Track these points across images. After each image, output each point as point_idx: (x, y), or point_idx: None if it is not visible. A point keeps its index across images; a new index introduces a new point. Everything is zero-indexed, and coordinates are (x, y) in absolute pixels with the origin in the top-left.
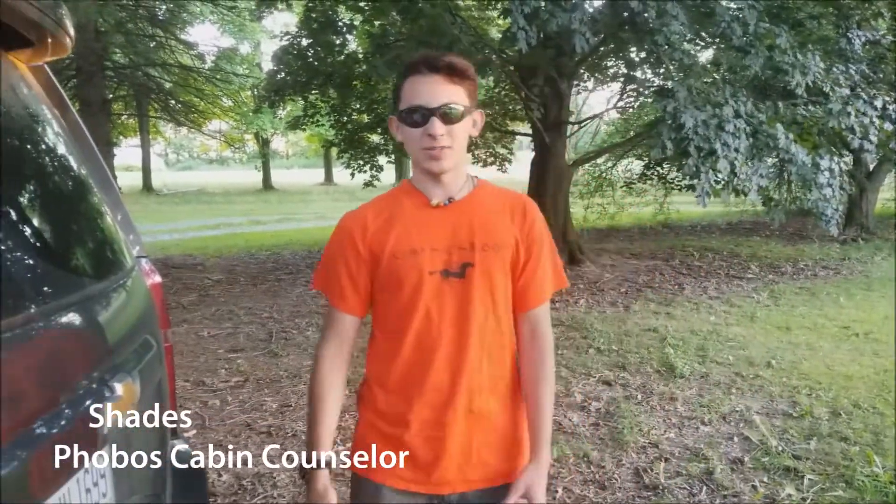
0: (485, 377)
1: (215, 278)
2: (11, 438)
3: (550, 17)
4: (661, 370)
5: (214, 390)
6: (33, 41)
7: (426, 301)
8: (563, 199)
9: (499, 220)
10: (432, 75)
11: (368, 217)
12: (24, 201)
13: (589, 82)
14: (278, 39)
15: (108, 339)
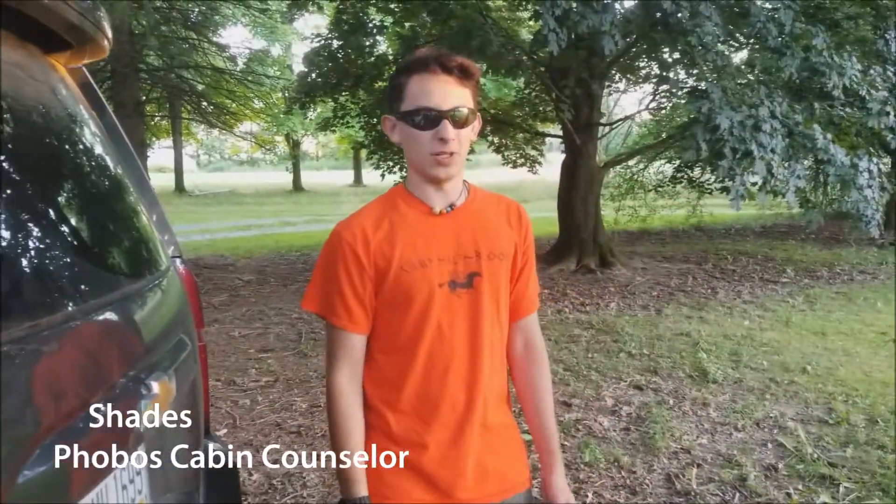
0: (494, 389)
1: (246, 279)
2: (51, 435)
3: (581, 19)
4: (694, 375)
5: (245, 390)
6: (72, 44)
7: (437, 315)
8: (594, 202)
9: (499, 226)
10: (444, 75)
11: (367, 227)
12: (65, 201)
13: (621, 83)
14: (309, 41)
15: (144, 337)
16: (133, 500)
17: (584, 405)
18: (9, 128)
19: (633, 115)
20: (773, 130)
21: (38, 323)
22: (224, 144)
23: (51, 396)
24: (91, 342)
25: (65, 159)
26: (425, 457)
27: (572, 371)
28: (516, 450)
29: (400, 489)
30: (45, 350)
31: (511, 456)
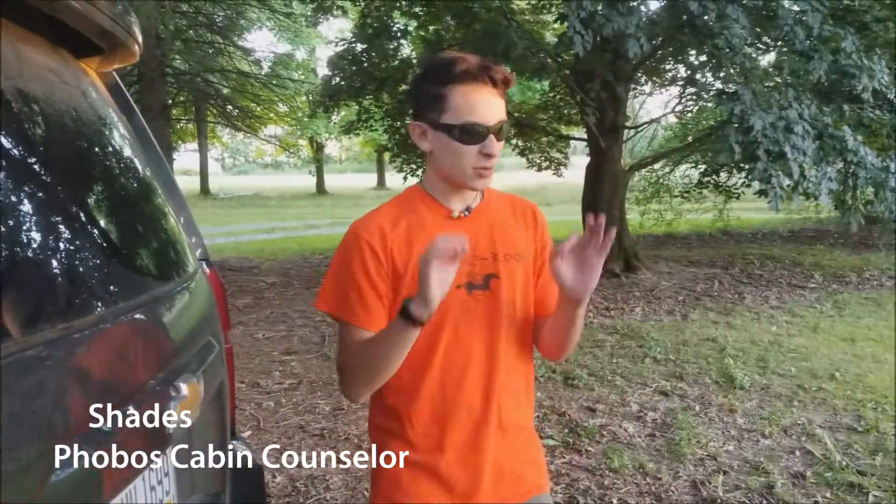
0: (510, 390)
1: (270, 281)
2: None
3: (606, 22)
4: (720, 381)
5: (269, 392)
6: (104, 49)
7: (454, 318)
8: (619, 205)
9: (515, 227)
10: (492, 88)
11: (384, 226)
12: (96, 203)
13: (646, 86)
14: (333, 45)
15: (173, 339)
16: (161, 500)
17: (608, 411)
18: (41, 130)
19: (659, 118)
20: (805, 132)
21: (71, 325)
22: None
23: (82, 397)
24: (121, 344)
25: (96, 162)
26: (442, 460)
27: (597, 376)
28: (534, 452)
29: (418, 493)
30: (77, 352)
31: (528, 459)
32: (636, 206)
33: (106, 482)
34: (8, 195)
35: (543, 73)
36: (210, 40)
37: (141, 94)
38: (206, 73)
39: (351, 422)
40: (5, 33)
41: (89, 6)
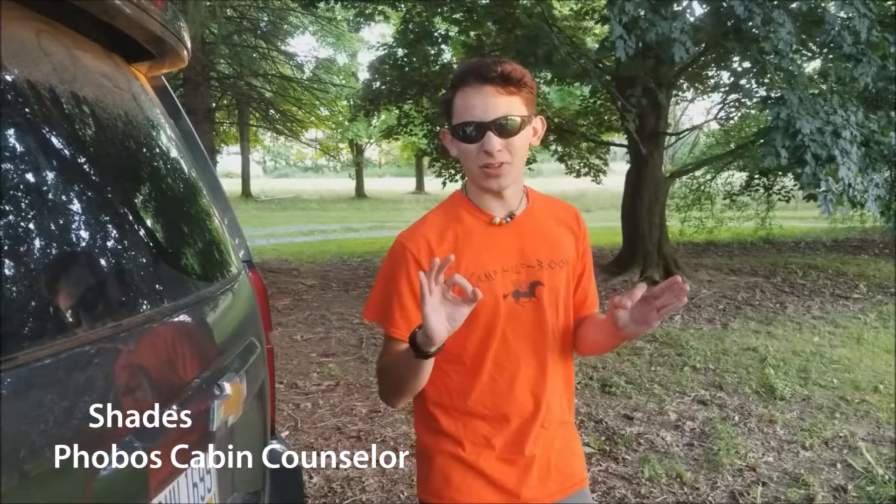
0: (556, 390)
1: (309, 283)
2: (129, 434)
3: (650, 26)
4: (761, 391)
5: (306, 393)
6: (154, 54)
7: (503, 326)
8: (660, 212)
9: (560, 233)
10: (484, 86)
11: (431, 239)
12: (146, 205)
13: (688, 92)
14: (375, 50)
15: (217, 339)
16: (202, 498)
17: (646, 419)
18: (94, 133)
19: (701, 124)
20: (853, 137)
21: (120, 323)
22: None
23: (129, 395)
24: (168, 343)
25: (145, 164)
26: (492, 458)
27: (634, 384)
28: (576, 446)
29: (469, 491)
30: (125, 350)
31: (571, 453)
32: (676, 214)
33: (151, 479)
34: (62, 195)
35: (585, 78)
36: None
37: (186, 97)
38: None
39: (387, 424)
40: (63, 39)
41: (142, 13)
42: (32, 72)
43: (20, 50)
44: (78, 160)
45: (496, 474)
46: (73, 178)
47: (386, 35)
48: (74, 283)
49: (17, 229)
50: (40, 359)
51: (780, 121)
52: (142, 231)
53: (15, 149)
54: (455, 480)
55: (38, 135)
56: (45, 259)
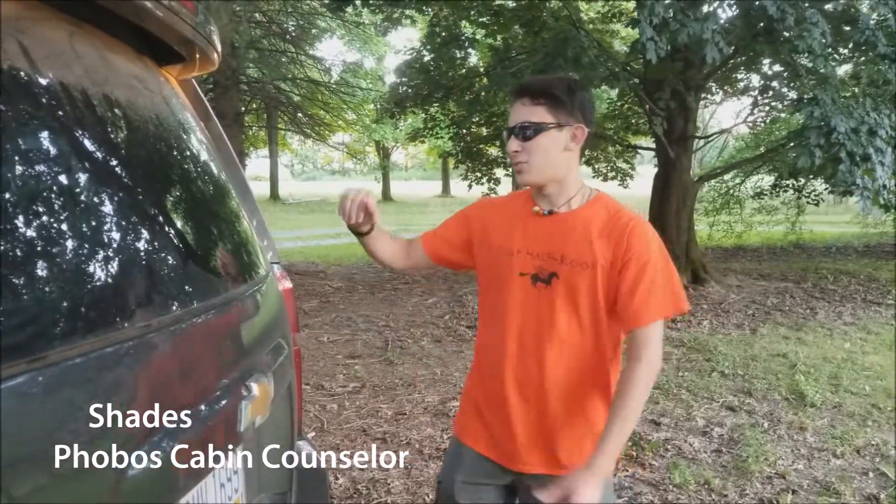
0: (560, 380)
1: (335, 285)
2: (158, 433)
3: (681, 28)
4: (790, 398)
5: (332, 394)
6: (185, 57)
7: (516, 297)
8: (688, 216)
9: (595, 238)
10: (517, 99)
11: (492, 206)
12: (176, 206)
13: (717, 95)
14: (402, 53)
15: (245, 340)
16: (230, 498)
17: (673, 425)
18: (126, 135)
19: (731, 128)
20: (889, 137)
21: (150, 323)
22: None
23: (158, 395)
24: (197, 343)
25: (175, 166)
26: (486, 419)
27: (662, 389)
28: (578, 436)
29: (473, 434)
30: (154, 350)
31: (569, 439)
32: (705, 218)
33: (180, 479)
34: (94, 196)
35: (612, 81)
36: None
37: (215, 101)
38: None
39: (413, 427)
40: (94, 41)
41: (173, 15)
42: (65, 74)
43: (53, 52)
44: (109, 161)
45: (493, 432)
46: (105, 180)
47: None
48: (105, 283)
49: (50, 230)
50: (70, 358)
51: (813, 119)
52: (172, 232)
53: (48, 150)
54: (467, 419)
55: (71, 136)
56: (76, 259)
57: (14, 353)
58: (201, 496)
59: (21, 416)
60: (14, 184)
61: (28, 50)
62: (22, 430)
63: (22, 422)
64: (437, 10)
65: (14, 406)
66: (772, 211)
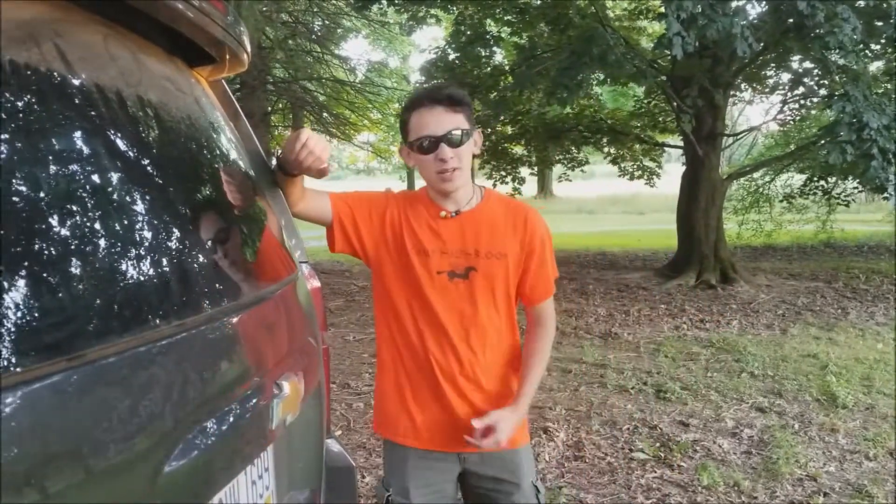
0: (484, 358)
1: (361, 284)
2: (193, 430)
3: (709, 22)
4: (821, 399)
5: (358, 393)
6: (215, 58)
7: (433, 296)
8: (716, 215)
9: (503, 230)
10: (435, 107)
11: (401, 203)
12: (207, 206)
13: (746, 93)
14: (427, 52)
15: (276, 339)
16: (261, 495)
17: (702, 426)
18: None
19: (760, 125)
20: None
21: (184, 322)
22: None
23: (192, 393)
24: (229, 343)
25: (206, 166)
26: (419, 414)
27: (690, 390)
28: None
29: (407, 432)
30: (188, 349)
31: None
32: (734, 216)
33: (214, 476)
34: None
35: (639, 78)
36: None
37: (243, 101)
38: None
39: None
40: (128, 43)
41: (204, 17)
42: (100, 75)
43: (88, 55)
44: (142, 162)
45: (417, 422)
46: (139, 180)
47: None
48: (141, 282)
49: (87, 230)
50: (107, 356)
51: (844, 115)
52: (204, 231)
53: (83, 151)
54: (397, 423)
55: (105, 137)
56: (112, 258)
57: (53, 352)
58: (234, 493)
59: (60, 412)
60: (52, 184)
61: (64, 52)
62: (60, 426)
63: (60, 418)
64: (462, 8)
65: (53, 403)
66: (802, 209)
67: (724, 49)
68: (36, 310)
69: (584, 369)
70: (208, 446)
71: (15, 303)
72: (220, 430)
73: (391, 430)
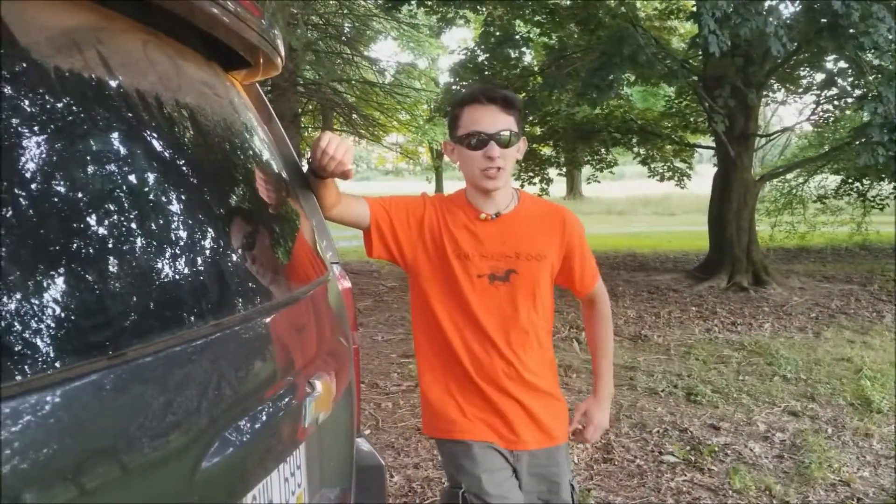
0: (525, 359)
1: (389, 285)
2: (229, 428)
3: (742, 21)
4: (856, 403)
5: (387, 393)
6: (250, 62)
7: (474, 300)
8: (749, 216)
9: (542, 232)
10: (490, 105)
11: (438, 207)
12: (241, 207)
13: (779, 93)
14: (455, 54)
15: (308, 339)
16: (293, 493)
17: (733, 429)
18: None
19: (793, 125)
20: None
21: (220, 322)
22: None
23: (228, 392)
24: (263, 342)
25: (241, 168)
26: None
27: (721, 393)
28: (555, 411)
29: (467, 428)
30: (223, 348)
31: (548, 415)
32: (766, 218)
33: (248, 472)
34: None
35: (671, 78)
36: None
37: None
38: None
39: None
40: (167, 49)
41: (240, 22)
42: (140, 81)
43: (129, 61)
44: (180, 165)
45: (465, 411)
46: (177, 183)
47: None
48: (179, 282)
49: (128, 231)
50: (147, 355)
51: (877, 116)
52: (240, 234)
53: (124, 155)
54: (445, 421)
55: (145, 141)
56: (151, 259)
57: (95, 351)
58: (267, 490)
59: (100, 410)
60: (96, 187)
61: (106, 59)
62: (100, 424)
63: (100, 416)
64: (491, 9)
65: (94, 400)
66: (836, 211)
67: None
68: (79, 309)
69: (613, 371)
70: (243, 444)
71: (60, 302)
72: (255, 429)
73: (444, 429)
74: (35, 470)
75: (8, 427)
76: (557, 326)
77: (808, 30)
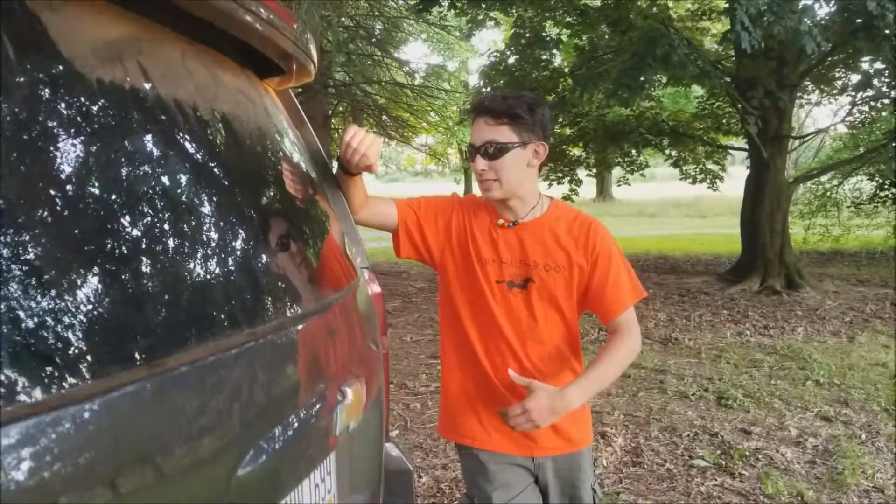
0: (543, 369)
1: (418, 286)
2: (264, 436)
3: (776, 20)
4: (890, 409)
5: (416, 394)
6: (284, 69)
7: (492, 304)
8: (782, 219)
9: (563, 243)
10: (478, 118)
11: (467, 208)
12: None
13: (813, 95)
14: (485, 56)
15: (340, 345)
16: (323, 498)
17: (765, 434)
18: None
19: (828, 127)
20: None
21: (255, 331)
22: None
23: (261, 400)
24: (296, 350)
25: (275, 174)
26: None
27: (753, 397)
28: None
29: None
30: (258, 356)
31: (569, 420)
32: (800, 221)
33: (281, 479)
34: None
35: (703, 79)
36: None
37: (305, 104)
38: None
39: None
40: (204, 58)
41: (274, 31)
42: (178, 91)
43: (168, 71)
44: (217, 174)
45: (481, 417)
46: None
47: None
48: (215, 292)
49: (164, 241)
50: (185, 363)
51: None
52: (275, 243)
53: (162, 163)
54: (461, 426)
55: (183, 150)
56: (191, 269)
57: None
58: (298, 497)
59: (137, 418)
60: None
61: (146, 69)
62: (137, 432)
63: (138, 424)
64: (521, 11)
65: (131, 409)
66: (871, 214)
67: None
68: (119, 320)
69: (643, 374)
70: (277, 451)
71: (101, 313)
72: (288, 436)
73: (458, 432)
74: (75, 477)
75: (49, 435)
76: (587, 328)
77: (843, 30)
